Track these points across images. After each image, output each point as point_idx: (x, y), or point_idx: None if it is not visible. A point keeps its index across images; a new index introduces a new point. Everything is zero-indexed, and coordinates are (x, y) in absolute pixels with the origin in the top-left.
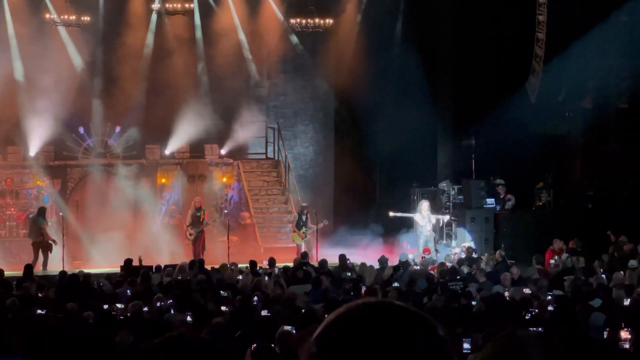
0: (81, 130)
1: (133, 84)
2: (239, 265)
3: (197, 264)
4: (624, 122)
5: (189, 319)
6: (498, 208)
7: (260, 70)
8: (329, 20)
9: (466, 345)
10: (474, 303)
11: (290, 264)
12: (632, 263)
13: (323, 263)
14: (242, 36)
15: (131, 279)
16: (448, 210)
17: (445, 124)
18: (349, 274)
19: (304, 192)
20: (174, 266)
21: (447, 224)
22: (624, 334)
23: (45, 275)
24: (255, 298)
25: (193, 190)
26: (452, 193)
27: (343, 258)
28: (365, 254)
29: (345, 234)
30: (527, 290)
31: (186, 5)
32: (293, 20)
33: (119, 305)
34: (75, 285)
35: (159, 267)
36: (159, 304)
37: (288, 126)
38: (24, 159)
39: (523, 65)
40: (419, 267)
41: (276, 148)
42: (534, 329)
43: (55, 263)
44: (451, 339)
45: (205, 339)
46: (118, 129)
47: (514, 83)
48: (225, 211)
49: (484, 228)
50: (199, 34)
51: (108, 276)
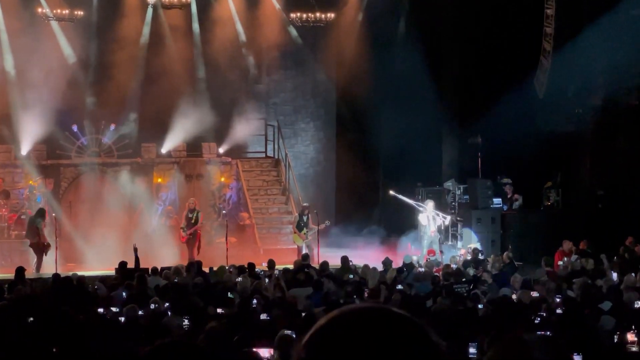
0: (74, 128)
1: (127, 79)
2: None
3: (195, 266)
4: (635, 119)
5: (186, 322)
6: (505, 208)
7: (259, 66)
8: (330, 15)
9: (472, 350)
10: (480, 306)
11: (291, 266)
12: None
13: (324, 265)
14: (240, 29)
15: (127, 282)
16: (453, 211)
17: (450, 121)
18: (352, 276)
19: (305, 192)
20: (170, 269)
21: (453, 224)
22: (631, 336)
23: (38, 278)
24: (255, 301)
25: (190, 190)
26: (458, 193)
27: (345, 260)
28: (368, 255)
29: (347, 235)
30: (535, 293)
31: None
32: (293, 14)
33: (113, 309)
34: (69, 288)
35: (155, 270)
36: (154, 307)
37: (288, 124)
38: (15, 157)
39: (530, 60)
40: (423, 269)
41: (276, 146)
42: (542, 332)
43: (49, 265)
44: (456, 343)
45: (197, 346)
46: (113, 126)
47: (521, 79)
48: (224, 212)
49: (491, 229)
50: (196, 26)
51: (103, 279)
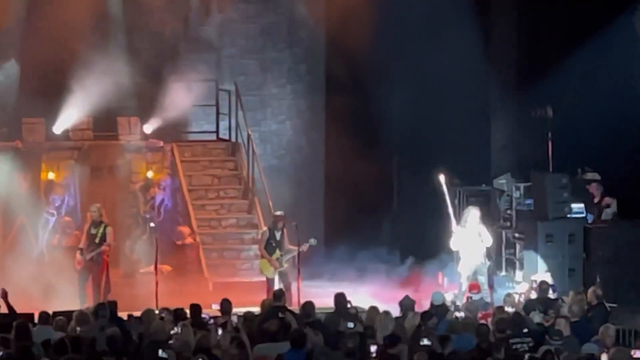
0: None
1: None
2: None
3: (108, 311)
4: None
5: None
6: (590, 218)
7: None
8: None
9: None
10: None
11: (257, 310)
12: None
13: (309, 308)
14: None
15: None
16: (509, 223)
17: (504, 84)
18: (351, 324)
19: (278, 194)
20: (69, 314)
21: (508, 244)
22: None
23: None
24: None
25: (99, 192)
26: (516, 195)
27: (341, 300)
28: (376, 292)
29: (343, 261)
30: (638, 353)
31: None
32: None
33: None
34: None
35: (44, 316)
36: None
37: (252, 88)
38: None
39: None
40: (462, 314)
41: (233, 123)
42: None
43: None
44: None
45: None
46: None
47: (614, 17)
48: (152, 224)
49: (568, 251)
50: None
51: None
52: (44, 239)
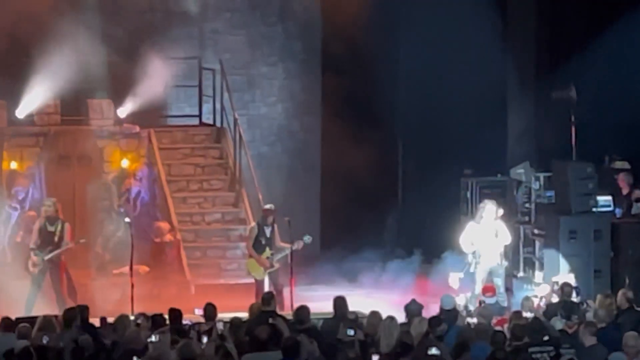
0: None
1: None
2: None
3: (78, 317)
4: None
5: None
6: (619, 213)
7: None
8: None
9: None
10: None
11: (245, 315)
12: None
13: (303, 313)
14: None
15: None
16: (528, 218)
17: (523, 64)
18: (351, 332)
19: (269, 186)
20: (33, 321)
21: (527, 241)
22: None
23: None
24: None
25: (68, 182)
26: (535, 187)
27: (341, 304)
28: (378, 296)
29: (341, 260)
30: None
31: None
32: None
33: None
34: None
35: (7, 323)
36: None
37: (239, 66)
38: None
39: None
40: (475, 320)
41: (218, 106)
42: None
43: None
44: None
45: None
46: None
47: None
48: (127, 220)
49: (594, 249)
50: None
51: None
52: (6, 236)
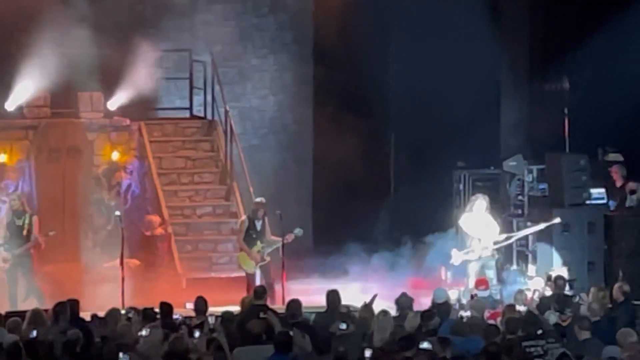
0: None
1: None
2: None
3: (68, 311)
4: None
5: None
6: (613, 205)
7: None
8: None
9: None
10: None
11: (236, 309)
12: None
13: (295, 307)
14: None
15: None
16: (521, 211)
17: (516, 56)
18: (344, 326)
19: (260, 178)
20: (22, 314)
21: (528, 233)
22: None
23: None
24: None
25: (57, 176)
26: (529, 179)
27: (335, 298)
28: (370, 289)
29: (334, 252)
30: None
31: None
32: None
33: None
34: None
35: None
36: None
37: (230, 59)
38: None
39: None
40: (468, 314)
41: (209, 98)
42: None
43: None
44: None
45: None
46: None
47: None
48: (117, 213)
49: (588, 242)
50: None
51: None
52: None
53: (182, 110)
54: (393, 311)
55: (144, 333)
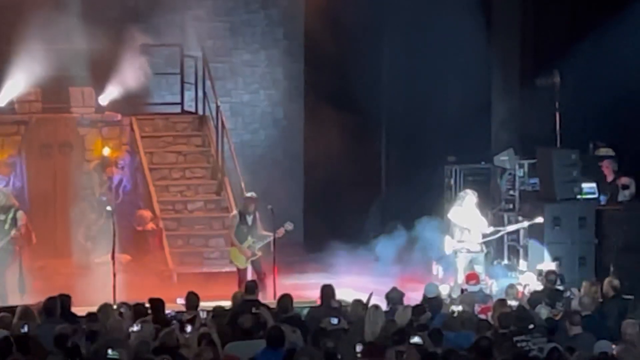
0: None
1: None
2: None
3: (59, 306)
4: None
5: None
6: (603, 200)
7: None
8: None
9: None
10: None
11: (228, 304)
12: None
13: (286, 302)
14: None
15: None
16: (511, 205)
17: (507, 50)
18: (335, 320)
19: (252, 174)
20: (12, 310)
21: (511, 230)
22: None
23: None
24: None
25: (49, 171)
26: (520, 174)
27: (328, 292)
28: (361, 284)
29: (325, 247)
30: None
31: None
32: None
33: None
34: None
35: None
36: None
37: (221, 54)
38: None
39: None
40: (459, 308)
41: (200, 94)
42: None
43: None
44: None
45: None
46: None
47: None
48: (109, 208)
49: (579, 237)
50: None
51: None
52: None
53: (174, 105)
54: (384, 306)
55: (135, 328)
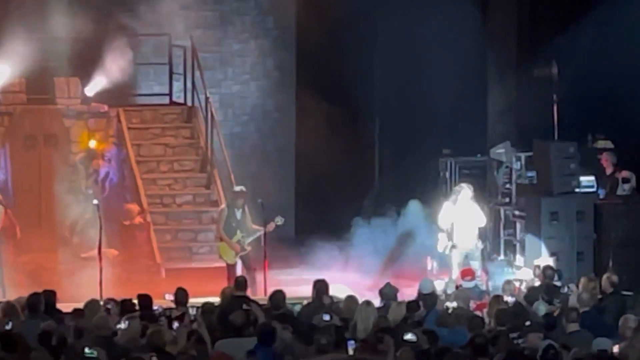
0: None
1: None
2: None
3: (43, 302)
4: None
5: None
6: (602, 194)
7: None
8: None
9: None
10: None
11: (217, 300)
12: None
13: (278, 298)
14: None
15: None
16: (508, 199)
17: (503, 40)
18: (327, 317)
19: (242, 166)
20: None
21: (507, 224)
22: None
23: None
24: None
25: (34, 164)
26: (516, 167)
27: (323, 288)
28: (354, 281)
29: (317, 242)
30: None
31: None
32: None
33: None
34: None
35: None
36: None
37: (210, 44)
38: None
39: None
40: (454, 305)
41: (189, 85)
42: None
43: None
44: None
45: None
46: None
47: None
48: (95, 202)
49: (577, 232)
50: None
51: None
52: None
53: (162, 96)
54: (377, 302)
55: (123, 326)
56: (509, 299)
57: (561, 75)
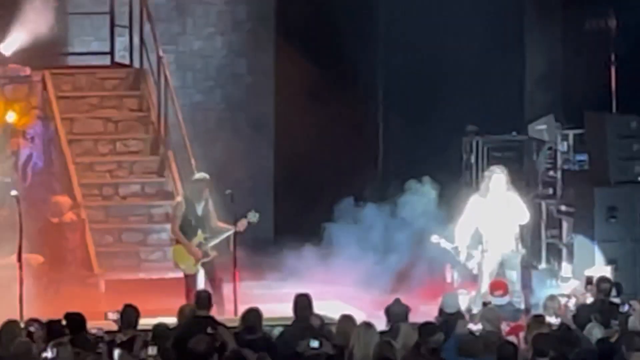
0: None
1: None
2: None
3: None
4: None
5: None
6: None
7: None
8: None
9: None
10: None
11: (172, 321)
12: None
13: (252, 319)
14: None
15: None
16: (552, 191)
17: None
18: (315, 343)
19: (205, 147)
20: None
21: (551, 222)
22: None
23: None
24: None
25: None
26: (562, 148)
27: (305, 305)
28: (351, 295)
29: (301, 245)
30: None
31: None
32: None
33: None
34: None
35: None
36: None
37: None
38: None
39: None
40: (480, 327)
41: (136, 41)
42: None
43: None
44: None
45: None
46: None
47: None
48: (14, 193)
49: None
50: None
51: None
52: None
53: (101, 55)
54: (380, 323)
55: (49, 355)
56: (553, 320)
57: (620, 29)
